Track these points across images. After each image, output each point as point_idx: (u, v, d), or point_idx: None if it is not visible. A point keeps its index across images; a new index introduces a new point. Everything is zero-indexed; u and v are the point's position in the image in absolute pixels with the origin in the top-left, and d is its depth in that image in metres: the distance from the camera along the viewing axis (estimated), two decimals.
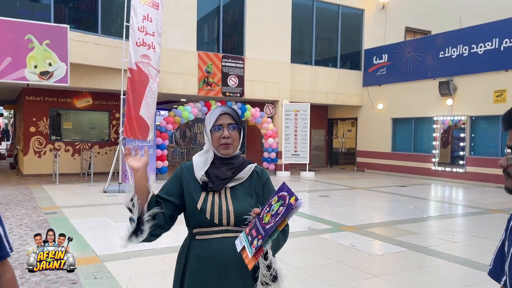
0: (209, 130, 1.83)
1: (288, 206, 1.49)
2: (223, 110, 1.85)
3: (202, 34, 14.46)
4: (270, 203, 1.59)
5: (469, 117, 13.35)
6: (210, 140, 1.84)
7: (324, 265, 4.97)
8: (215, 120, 1.83)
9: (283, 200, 1.52)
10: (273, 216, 1.52)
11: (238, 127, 1.86)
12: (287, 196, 1.53)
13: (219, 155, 1.83)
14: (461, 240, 6.19)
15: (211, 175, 1.82)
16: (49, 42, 10.34)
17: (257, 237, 1.52)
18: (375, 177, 14.92)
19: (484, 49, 12.87)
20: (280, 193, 1.57)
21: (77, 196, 9.81)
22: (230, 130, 1.83)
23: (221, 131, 1.82)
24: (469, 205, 9.42)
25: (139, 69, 10.74)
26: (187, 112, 13.17)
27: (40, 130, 13.65)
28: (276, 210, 1.52)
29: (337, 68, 16.70)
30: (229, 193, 1.83)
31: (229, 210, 1.78)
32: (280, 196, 1.56)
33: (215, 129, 1.82)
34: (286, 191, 1.55)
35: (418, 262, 5.13)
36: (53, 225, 6.74)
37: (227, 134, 1.81)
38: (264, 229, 1.51)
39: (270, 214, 1.53)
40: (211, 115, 1.85)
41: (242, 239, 1.60)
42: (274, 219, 1.50)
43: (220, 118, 1.84)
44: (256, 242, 1.51)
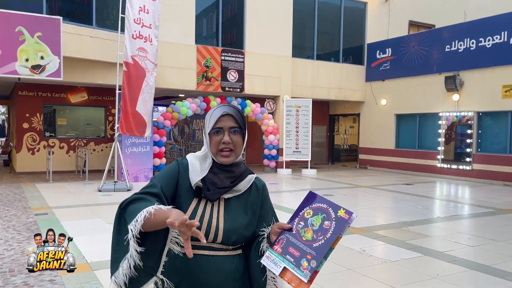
0: (207, 133, 1.59)
1: (339, 220, 1.37)
2: (224, 111, 1.59)
3: (201, 27, 14.01)
4: (302, 216, 1.44)
5: (476, 113, 12.95)
6: (208, 144, 1.60)
7: (334, 273, 4.57)
8: (215, 121, 1.58)
9: (325, 213, 1.41)
10: (318, 232, 1.38)
11: (242, 131, 1.61)
12: (329, 209, 1.41)
13: (218, 161, 1.60)
14: (479, 244, 5.80)
15: (207, 181, 1.58)
16: (41, 35, 9.89)
17: (305, 257, 1.36)
18: (379, 175, 14.54)
19: (493, 42, 12.45)
20: (314, 204, 1.44)
21: (70, 195, 9.39)
22: (231, 134, 1.58)
23: (220, 135, 1.58)
24: (479, 204, 9.03)
25: (135, 62, 10.30)
26: (185, 108, 12.74)
27: (33, 126, 13.21)
28: (319, 225, 1.39)
29: (339, 62, 16.26)
30: (223, 205, 1.60)
31: (218, 226, 1.56)
32: (316, 208, 1.43)
33: (214, 132, 1.58)
34: (325, 203, 1.43)
35: (436, 270, 4.73)
36: (42, 228, 6.33)
37: (228, 140, 1.57)
38: (313, 248, 1.36)
39: (311, 229, 1.40)
40: (211, 115, 1.61)
41: (275, 259, 1.42)
42: (323, 236, 1.37)
43: (221, 120, 1.59)
44: (306, 264, 1.35)
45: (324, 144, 18.62)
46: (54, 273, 4.47)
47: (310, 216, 1.41)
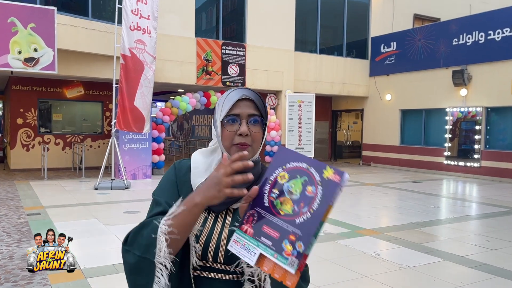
0: (219, 121, 1.23)
1: (327, 184, 0.97)
2: (243, 94, 1.23)
3: (201, 19, 13.58)
4: (275, 182, 1.04)
5: (484, 108, 12.57)
6: (219, 136, 1.24)
7: (347, 281, 4.20)
8: (231, 107, 1.22)
9: (305, 176, 1.01)
10: (300, 203, 0.99)
11: (263, 121, 1.25)
12: (310, 169, 1.01)
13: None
14: (500, 247, 5.43)
15: None
16: (34, 26, 9.47)
17: (287, 238, 0.98)
18: (383, 172, 14.16)
19: (502, 35, 12.05)
20: (289, 164, 1.04)
21: (65, 193, 9.00)
22: (250, 124, 1.22)
23: (237, 125, 1.22)
24: (492, 203, 8.67)
25: (133, 55, 9.88)
26: (184, 103, 12.34)
27: (28, 122, 12.80)
28: (300, 192, 1.00)
29: (343, 57, 15.85)
30: (231, 216, 1.25)
31: (219, 243, 1.21)
32: (293, 170, 1.03)
33: (229, 120, 1.22)
34: (304, 162, 1.02)
35: (459, 277, 4.36)
36: (33, 229, 5.95)
37: (246, 131, 1.20)
38: (296, 225, 0.98)
39: (290, 199, 1.00)
40: (225, 99, 1.24)
41: (246, 244, 1.03)
42: (307, 208, 0.98)
43: (238, 105, 1.23)
44: (290, 248, 0.97)
45: (327, 141, 18.23)
46: (43, 282, 4.10)
47: (286, 181, 1.03)
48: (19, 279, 4.14)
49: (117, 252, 5.04)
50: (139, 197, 8.76)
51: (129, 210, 7.38)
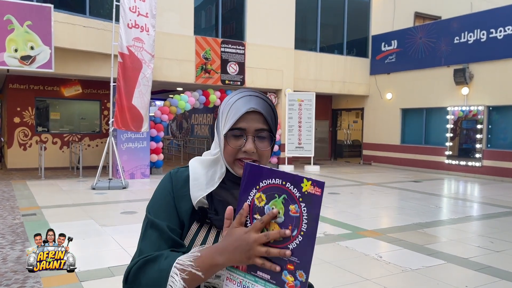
0: (223, 134, 1.10)
1: (309, 199, 0.88)
2: (251, 107, 1.09)
3: (200, 17, 13.45)
4: (253, 206, 0.94)
5: (486, 107, 12.45)
6: (222, 148, 1.11)
7: (349, 284, 4.09)
8: (237, 119, 1.08)
9: (283, 192, 0.91)
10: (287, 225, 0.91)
11: (272, 137, 1.12)
12: (286, 185, 0.91)
13: (234, 173, 1.12)
14: (504, 249, 5.32)
15: (215, 199, 1.11)
16: (30, 24, 9.35)
17: (285, 269, 0.90)
18: (384, 171, 14.05)
19: (504, 33, 11.93)
20: (262, 183, 0.94)
21: (62, 193, 8.88)
22: (257, 140, 1.10)
23: (241, 141, 1.09)
24: (494, 203, 8.55)
25: (131, 53, 9.76)
26: (183, 102, 12.22)
27: (25, 120, 12.67)
28: (283, 213, 0.91)
29: (343, 55, 15.72)
30: None
31: None
32: (267, 188, 0.93)
33: (234, 134, 1.09)
34: (277, 177, 0.92)
35: (463, 280, 4.25)
36: (28, 230, 5.83)
37: (252, 148, 1.08)
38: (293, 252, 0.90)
39: (275, 223, 0.92)
40: (231, 108, 1.10)
41: (242, 282, 0.96)
42: (297, 230, 0.90)
43: (244, 117, 1.09)
44: (292, 279, 0.89)
45: (327, 140, 18.11)
46: (37, 285, 3.98)
47: (265, 203, 0.93)
48: (11, 283, 4.03)
49: (113, 254, 4.95)
50: (137, 197, 8.64)
51: (126, 210, 7.26)
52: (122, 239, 5.48)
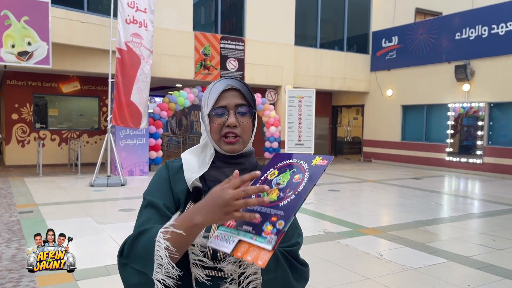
0: (206, 115, 1.21)
1: (314, 169, 0.99)
2: (228, 84, 1.21)
3: (199, 13, 13.34)
4: (265, 179, 1.06)
5: (487, 103, 12.36)
6: (208, 130, 1.22)
7: (348, 283, 4.02)
8: (216, 98, 1.20)
9: (295, 168, 1.04)
10: (286, 189, 0.99)
11: (251, 110, 1.23)
12: (299, 162, 1.04)
13: (222, 151, 1.22)
14: (506, 247, 5.25)
15: (208, 179, 1.20)
16: (28, 19, 9.25)
17: (268, 220, 0.96)
18: (384, 168, 13.98)
19: (506, 29, 11.83)
20: (281, 163, 1.07)
21: (60, 190, 8.81)
22: (239, 115, 1.21)
23: (224, 117, 1.20)
24: (496, 200, 8.48)
25: (129, 49, 9.67)
26: (182, 98, 12.12)
27: (23, 117, 12.59)
28: (287, 181, 1.01)
29: (343, 51, 15.62)
30: None
31: None
32: (283, 166, 1.06)
33: (216, 113, 1.20)
34: (295, 158, 1.06)
35: (465, 279, 4.18)
36: (25, 227, 5.77)
37: (234, 121, 1.19)
38: (279, 208, 0.97)
39: (276, 189, 1.01)
40: (211, 91, 1.22)
41: (226, 235, 1.00)
42: (292, 191, 0.98)
43: (224, 96, 1.21)
44: (270, 227, 0.95)
45: (327, 136, 18.03)
46: (31, 284, 3.92)
47: (275, 176, 1.05)
48: (6, 282, 3.96)
49: (109, 253, 4.87)
50: (136, 194, 8.57)
51: (124, 208, 7.19)
52: (119, 237, 5.41)
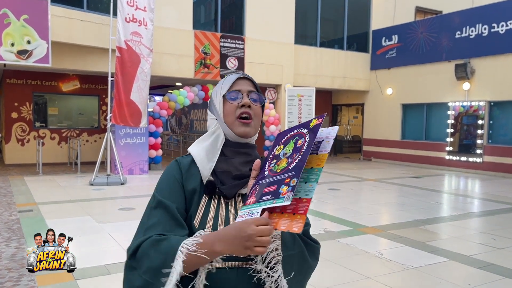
0: (221, 97, 1.27)
1: (313, 130, 1.06)
2: (242, 74, 1.32)
3: (199, 12, 13.32)
4: (273, 156, 1.13)
5: (487, 102, 12.35)
6: (221, 114, 1.26)
7: (349, 282, 4.01)
8: (231, 85, 1.28)
9: (297, 136, 1.10)
10: (293, 154, 1.06)
11: (262, 98, 1.30)
12: (300, 129, 1.11)
13: (233, 138, 1.25)
14: (506, 246, 5.24)
15: (218, 171, 1.23)
16: (27, 17, 9.22)
17: (283, 183, 1.01)
18: (384, 167, 13.97)
19: (506, 28, 11.81)
20: (285, 137, 1.14)
21: (60, 189, 8.80)
22: (251, 100, 1.27)
23: (238, 99, 1.26)
24: (496, 199, 8.48)
25: (129, 48, 9.65)
26: (182, 97, 12.11)
27: (23, 116, 12.57)
28: (292, 148, 1.08)
29: (343, 50, 15.60)
30: (240, 203, 1.23)
31: None
32: (287, 139, 1.12)
33: (230, 96, 1.26)
34: (296, 128, 1.12)
35: (466, 278, 4.18)
36: (24, 226, 5.76)
37: (248, 102, 1.26)
38: (289, 170, 1.02)
39: (285, 158, 1.07)
40: (224, 81, 1.30)
41: (250, 211, 1.03)
42: (298, 153, 1.04)
43: (237, 83, 1.29)
44: (286, 188, 0.99)
45: None
46: (31, 283, 3.91)
47: (282, 150, 1.11)
48: (5, 281, 3.95)
49: (109, 252, 4.87)
50: (136, 193, 8.56)
51: (124, 207, 7.18)
52: (119, 236, 5.40)
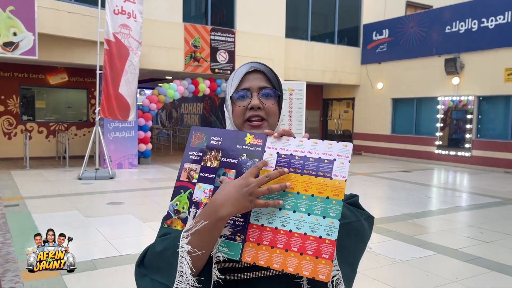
0: (229, 98, 1.16)
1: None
2: (252, 66, 1.17)
3: (189, 4, 13.17)
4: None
5: (476, 97, 12.43)
6: (231, 115, 1.16)
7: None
8: (239, 81, 1.15)
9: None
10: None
11: (276, 93, 1.16)
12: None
13: None
14: (494, 240, 5.28)
15: None
16: (13, 9, 9.04)
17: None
18: (374, 161, 14.03)
19: (495, 23, 11.87)
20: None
21: (47, 183, 8.69)
22: (263, 98, 1.14)
23: (247, 99, 1.14)
24: (484, 193, 8.55)
25: (117, 40, 9.53)
26: (172, 91, 12.01)
27: (9, 109, 12.38)
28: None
29: (334, 44, 15.58)
30: None
31: None
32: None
33: (238, 96, 1.14)
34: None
35: (453, 271, 4.20)
36: (10, 221, 5.67)
37: (257, 103, 1.12)
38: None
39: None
40: (234, 75, 1.17)
41: None
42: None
43: (247, 78, 1.16)
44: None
45: (318, 129, 18.04)
46: (15, 279, 3.85)
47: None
48: None
49: (97, 247, 4.81)
50: (124, 187, 8.49)
51: (112, 201, 7.11)
52: (107, 230, 5.35)
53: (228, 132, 1.03)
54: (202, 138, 1.03)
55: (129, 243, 4.97)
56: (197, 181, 1.00)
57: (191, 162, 1.02)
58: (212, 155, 1.01)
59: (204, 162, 1.01)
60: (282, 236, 0.92)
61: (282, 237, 0.92)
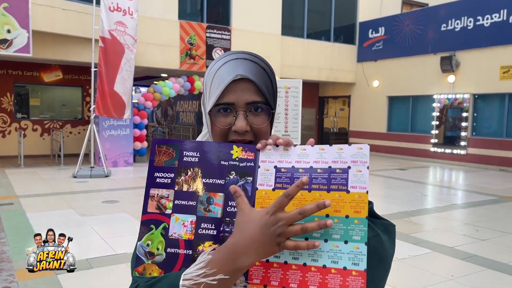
0: (207, 112, 0.89)
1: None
2: (238, 74, 0.85)
3: (184, 2, 13.11)
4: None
5: (472, 95, 12.46)
6: (209, 129, 0.90)
7: None
8: (222, 90, 0.85)
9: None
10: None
11: (269, 110, 0.88)
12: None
13: None
14: (489, 237, 5.30)
15: None
16: (7, 6, 8.97)
17: None
18: (370, 159, 13.94)
19: (491, 21, 11.89)
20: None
21: (42, 182, 8.64)
22: (251, 116, 0.86)
23: (231, 117, 0.86)
24: (479, 191, 8.57)
25: (113, 38, 9.46)
26: (168, 88, 11.95)
27: (3, 107, 12.29)
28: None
29: (330, 42, 15.56)
30: None
31: None
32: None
33: (219, 110, 0.87)
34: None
35: (449, 269, 4.20)
36: (4, 220, 5.62)
37: (243, 127, 0.85)
38: None
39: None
40: (214, 77, 0.88)
41: None
42: None
43: (232, 87, 0.85)
44: None
45: (313, 128, 18.03)
46: (10, 278, 3.82)
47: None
48: None
49: (91, 246, 4.78)
50: (120, 185, 8.45)
51: (108, 199, 7.07)
52: (102, 229, 5.32)
53: (207, 145, 0.80)
54: (170, 155, 0.81)
55: (124, 242, 4.94)
56: (172, 211, 0.78)
57: (160, 187, 0.79)
58: (188, 175, 0.79)
59: (178, 186, 0.79)
60: (295, 273, 0.72)
61: (295, 273, 0.72)
